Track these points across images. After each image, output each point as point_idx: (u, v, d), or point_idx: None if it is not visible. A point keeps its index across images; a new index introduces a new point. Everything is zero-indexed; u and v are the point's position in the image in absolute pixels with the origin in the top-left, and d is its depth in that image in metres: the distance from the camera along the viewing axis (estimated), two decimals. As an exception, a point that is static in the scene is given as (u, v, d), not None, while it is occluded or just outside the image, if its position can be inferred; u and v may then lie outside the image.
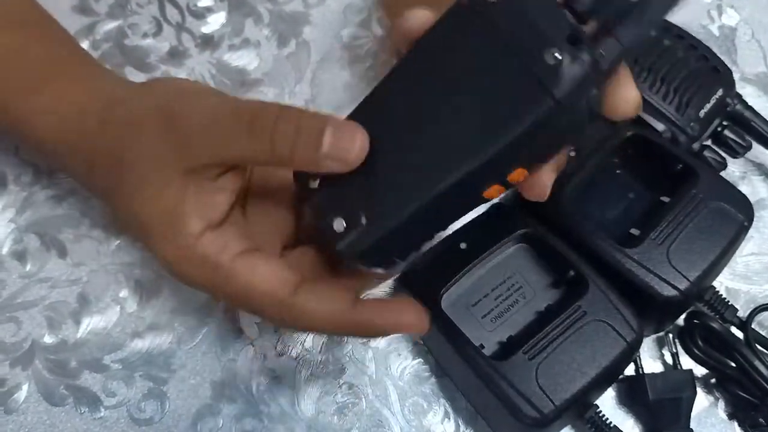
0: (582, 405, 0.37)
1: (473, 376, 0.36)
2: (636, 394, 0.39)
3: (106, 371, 0.39)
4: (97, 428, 0.38)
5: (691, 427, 0.38)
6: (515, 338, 0.37)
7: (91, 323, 0.40)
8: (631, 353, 0.37)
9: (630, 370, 0.40)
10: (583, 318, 0.36)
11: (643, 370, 0.39)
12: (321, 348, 0.40)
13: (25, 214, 0.42)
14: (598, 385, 0.36)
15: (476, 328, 0.38)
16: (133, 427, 0.38)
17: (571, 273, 0.38)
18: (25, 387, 0.38)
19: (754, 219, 0.44)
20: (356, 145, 0.28)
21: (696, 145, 0.42)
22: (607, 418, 0.37)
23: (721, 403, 0.40)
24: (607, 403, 0.40)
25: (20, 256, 0.41)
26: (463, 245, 0.39)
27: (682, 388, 0.39)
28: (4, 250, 0.41)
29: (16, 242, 0.41)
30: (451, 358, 0.37)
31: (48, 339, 0.39)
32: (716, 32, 0.50)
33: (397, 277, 0.39)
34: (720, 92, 0.43)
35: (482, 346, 0.37)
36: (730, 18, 0.50)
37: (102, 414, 0.38)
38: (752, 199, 0.44)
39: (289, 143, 0.28)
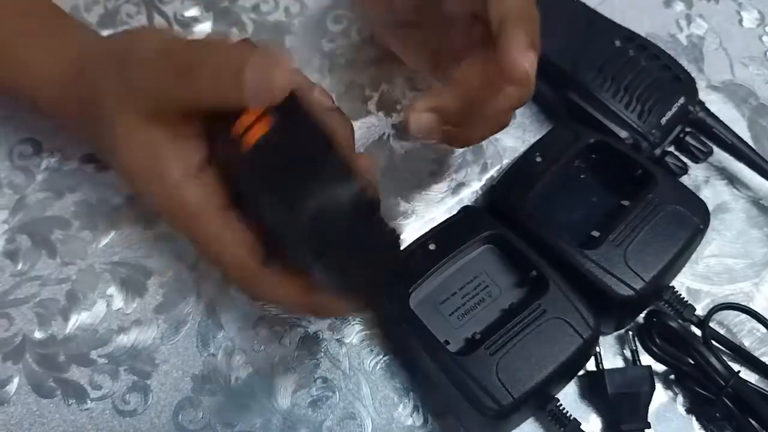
0: (542, 398, 0.39)
1: (438, 371, 0.38)
2: (596, 389, 0.41)
3: (92, 365, 0.41)
4: (84, 419, 0.40)
5: (649, 421, 0.40)
6: (479, 335, 0.39)
7: (79, 319, 0.42)
8: (587, 349, 0.38)
9: (591, 366, 0.41)
10: (543, 316, 0.38)
11: (603, 366, 0.41)
12: (297, 344, 0.42)
13: (17, 216, 0.44)
14: (557, 379, 0.38)
15: (443, 324, 0.40)
16: (117, 418, 0.40)
17: (533, 273, 0.40)
18: (15, 380, 0.40)
19: (717, 222, 0.46)
20: (278, 77, 0.28)
21: (658, 151, 0.44)
22: (567, 411, 0.39)
23: (680, 399, 0.42)
24: (569, 397, 0.41)
25: (12, 255, 0.43)
26: (432, 246, 0.41)
27: (640, 384, 0.40)
28: (-3, 250, 0.43)
29: (8, 242, 0.43)
30: (418, 353, 0.39)
31: (38, 334, 0.41)
32: (684, 41, 0.51)
33: None
34: (682, 100, 0.44)
35: (447, 342, 0.39)
36: (699, 27, 0.52)
37: (89, 406, 0.40)
38: (714, 203, 0.46)
39: (210, 83, 0.28)
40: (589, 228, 0.42)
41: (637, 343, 0.42)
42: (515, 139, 0.48)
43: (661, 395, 0.42)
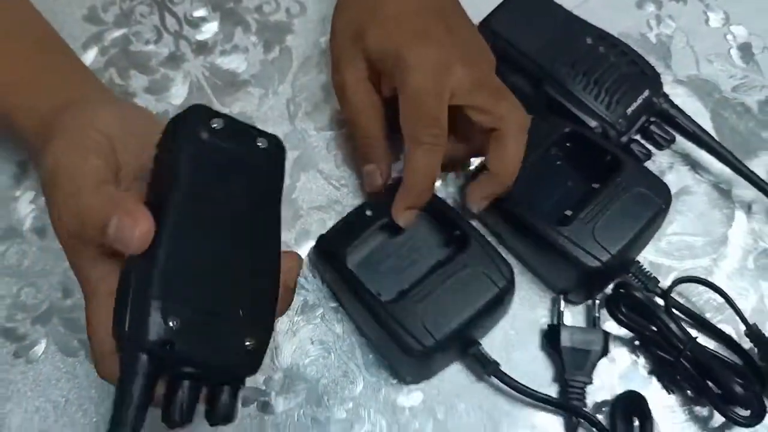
0: (464, 341, 0.43)
1: (370, 318, 0.42)
2: (553, 341, 0.45)
3: (112, 329, 0.45)
4: (105, 376, 0.44)
5: (592, 376, 0.44)
6: (409, 288, 0.43)
7: (100, 289, 0.46)
8: (503, 297, 0.43)
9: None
10: (464, 269, 0.42)
11: (562, 322, 0.45)
12: (296, 311, 0.46)
13: (43, 197, 0.48)
14: (476, 324, 0.42)
15: (377, 280, 0.44)
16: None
17: (457, 232, 0.44)
18: (43, 342, 0.45)
19: (680, 203, 0.50)
20: (136, 232, 0.29)
21: (624, 139, 0.49)
22: (488, 354, 0.43)
23: (642, 361, 0.46)
24: (531, 347, 0.46)
25: (40, 231, 0.47)
26: (368, 212, 0.46)
27: (592, 343, 0.45)
28: (26, 227, 0.48)
29: (36, 220, 0.48)
30: (354, 305, 0.44)
31: (63, 302, 0.46)
32: (654, 40, 0.56)
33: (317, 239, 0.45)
34: (646, 93, 0.49)
35: (380, 294, 0.43)
36: (667, 27, 0.56)
37: (109, 365, 0.45)
38: (678, 186, 0.51)
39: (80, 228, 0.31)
40: (564, 208, 0.46)
41: (600, 311, 0.46)
42: (497, 128, 0.52)
43: (625, 359, 0.46)
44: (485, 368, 0.44)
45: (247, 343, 0.30)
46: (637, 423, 0.44)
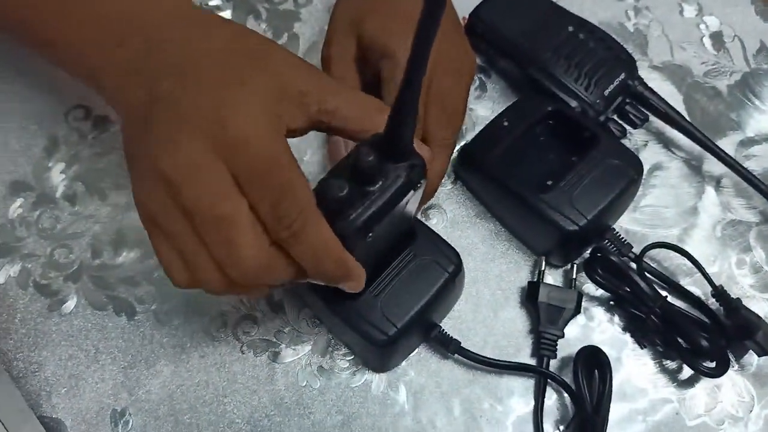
0: (425, 326, 0.46)
1: (332, 316, 0.44)
2: (532, 296, 0.49)
3: (137, 286, 0.50)
4: (131, 327, 0.49)
5: (564, 331, 0.49)
6: (366, 283, 0.42)
7: (125, 251, 0.51)
8: (454, 280, 0.45)
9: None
10: (414, 259, 0.45)
11: (542, 280, 0.50)
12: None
13: (73, 168, 0.53)
14: (433, 308, 0.45)
15: None
16: (157, 327, 0.49)
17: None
18: (74, 297, 0.49)
19: (653, 178, 0.55)
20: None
21: (602, 118, 0.53)
22: (449, 334, 0.47)
23: (617, 319, 0.51)
24: (515, 305, 0.50)
25: (70, 198, 0.52)
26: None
27: (567, 302, 0.49)
28: (58, 194, 0.52)
29: (67, 188, 0.52)
30: (317, 304, 0.46)
31: (93, 261, 0.50)
32: (631, 29, 0.60)
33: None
34: (622, 75, 0.53)
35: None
36: (644, 17, 0.61)
37: (136, 318, 0.49)
38: (651, 162, 0.55)
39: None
40: (546, 178, 0.50)
41: (576, 274, 0.50)
42: (486, 109, 0.57)
43: (601, 316, 0.51)
44: (448, 348, 0.47)
45: None
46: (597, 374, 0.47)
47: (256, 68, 0.36)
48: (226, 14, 0.59)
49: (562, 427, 0.48)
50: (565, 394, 0.48)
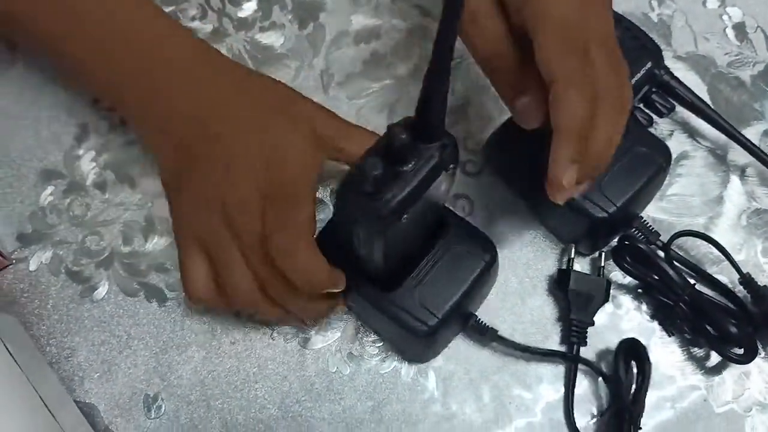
0: (463, 315, 0.46)
1: (373, 308, 0.44)
2: (562, 283, 0.50)
3: (167, 273, 0.50)
4: (162, 313, 0.49)
5: (594, 319, 0.49)
6: (403, 274, 0.45)
7: (155, 238, 0.51)
8: (490, 268, 0.45)
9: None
10: (449, 249, 0.45)
11: (572, 267, 0.50)
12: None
13: (103, 156, 0.53)
14: (471, 297, 0.45)
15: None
16: (188, 313, 0.49)
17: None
18: (106, 284, 0.50)
19: (679, 167, 0.55)
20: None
21: (629, 107, 0.53)
22: (485, 323, 0.47)
23: (644, 307, 0.51)
24: (542, 293, 0.51)
25: (101, 186, 0.52)
26: None
27: (596, 290, 0.49)
28: (89, 182, 0.52)
29: (97, 176, 0.52)
30: (359, 301, 0.46)
31: (123, 248, 0.51)
32: (655, 19, 0.60)
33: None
34: (649, 65, 0.53)
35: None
36: (668, 8, 0.61)
37: (167, 304, 0.49)
38: (677, 151, 0.55)
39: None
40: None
41: (604, 262, 0.50)
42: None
43: (629, 304, 0.51)
44: (484, 335, 0.48)
45: None
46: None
47: (291, 116, 0.44)
48: (252, 4, 0.59)
49: (595, 413, 0.48)
50: (598, 382, 0.48)
